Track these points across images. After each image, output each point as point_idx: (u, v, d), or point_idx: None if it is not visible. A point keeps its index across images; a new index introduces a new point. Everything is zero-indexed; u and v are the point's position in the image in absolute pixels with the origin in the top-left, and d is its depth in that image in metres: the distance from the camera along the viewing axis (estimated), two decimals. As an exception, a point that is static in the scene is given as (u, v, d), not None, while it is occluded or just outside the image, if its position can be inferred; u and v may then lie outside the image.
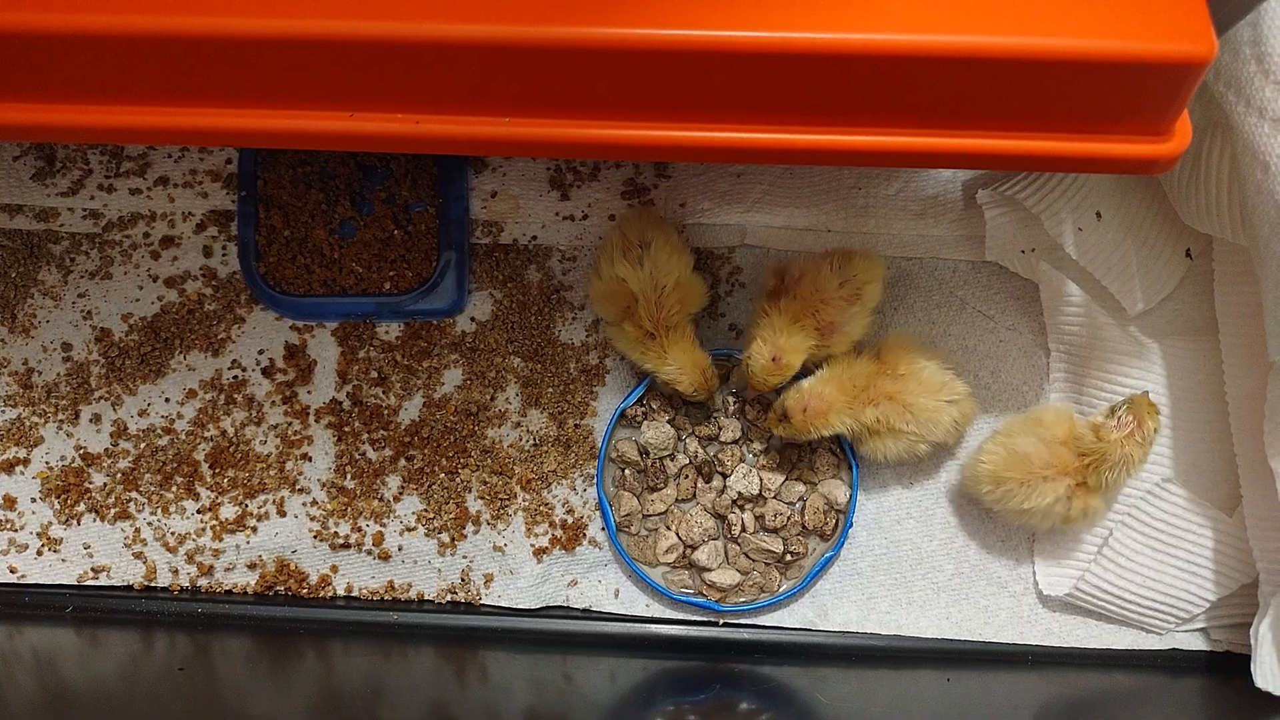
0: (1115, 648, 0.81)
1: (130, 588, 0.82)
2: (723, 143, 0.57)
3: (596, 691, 0.77)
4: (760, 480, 0.81)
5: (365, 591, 0.83)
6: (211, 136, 0.59)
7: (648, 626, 0.81)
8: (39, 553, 0.83)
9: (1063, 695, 0.79)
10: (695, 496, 0.82)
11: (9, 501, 0.83)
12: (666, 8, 0.52)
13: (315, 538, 0.83)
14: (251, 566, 0.83)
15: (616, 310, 0.78)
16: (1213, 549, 0.79)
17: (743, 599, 0.81)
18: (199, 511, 0.83)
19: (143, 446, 0.84)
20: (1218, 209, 0.75)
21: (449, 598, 0.82)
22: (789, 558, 0.81)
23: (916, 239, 0.85)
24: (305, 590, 0.82)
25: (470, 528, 0.83)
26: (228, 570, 0.83)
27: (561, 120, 0.56)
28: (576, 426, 0.84)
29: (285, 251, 0.83)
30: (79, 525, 0.83)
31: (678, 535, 0.81)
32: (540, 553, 0.82)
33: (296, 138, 0.58)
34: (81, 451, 0.84)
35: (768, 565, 0.81)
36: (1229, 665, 0.80)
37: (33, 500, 0.83)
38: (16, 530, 0.83)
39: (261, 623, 0.81)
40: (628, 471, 0.82)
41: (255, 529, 0.83)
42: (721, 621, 0.81)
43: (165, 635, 0.79)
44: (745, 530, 0.81)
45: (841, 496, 0.81)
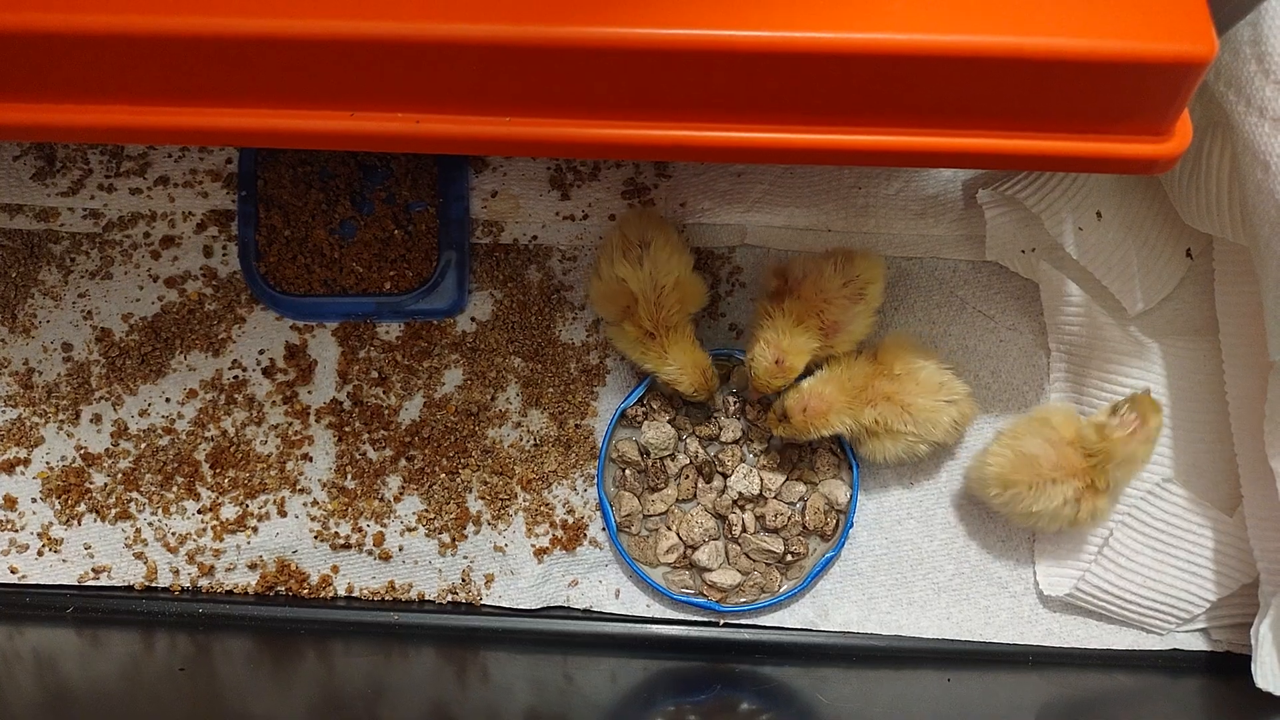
0: (1116, 648, 0.81)
1: (131, 588, 0.82)
2: (723, 142, 0.57)
3: (597, 692, 0.77)
4: (761, 480, 0.81)
5: (366, 592, 0.83)
6: (212, 136, 0.59)
7: (648, 627, 0.81)
8: (40, 553, 0.83)
9: (1063, 695, 0.79)
10: (696, 497, 0.82)
11: (10, 502, 0.83)
12: (667, 7, 0.52)
13: (316, 538, 0.83)
14: (252, 567, 0.83)
15: (616, 310, 0.78)
16: (1213, 549, 0.78)
17: (743, 599, 0.81)
18: (200, 512, 0.83)
19: (143, 446, 0.84)
20: (1218, 208, 0.75)
21: (450, 598, 0.82)
22: (789, 558, 0.80)
23: (917, 239, 0.85)
24: (306, 590, 0.82)
25: (471, 528, 0.83)
26: (228, 570, 0.83)
27: (562, 120, 0.56)
28: (577, 426, 0.84)
29: (286, 251, 0.83)
30: (80, 525, 0.83)
31: (678, 535, 0.81)
32: (541, 553, 0.82)
33: (297, 137, 0.58)
34: (82, 452, 0.84)
35: (768, 565, 0.81)
36: (1230, 665, 0.79)
37: (33, 500, 0.83)
38: (17, 530, 0.83)
39: (262, 623, 0.81)
40: (628, 471, 0.82)
41: (256, 529, 0.83)
42: (722, 622, 0.81)
43: (166, 636, 0.79)
44: (746, 530, 0.80)
45: (842, 497, 0.81)
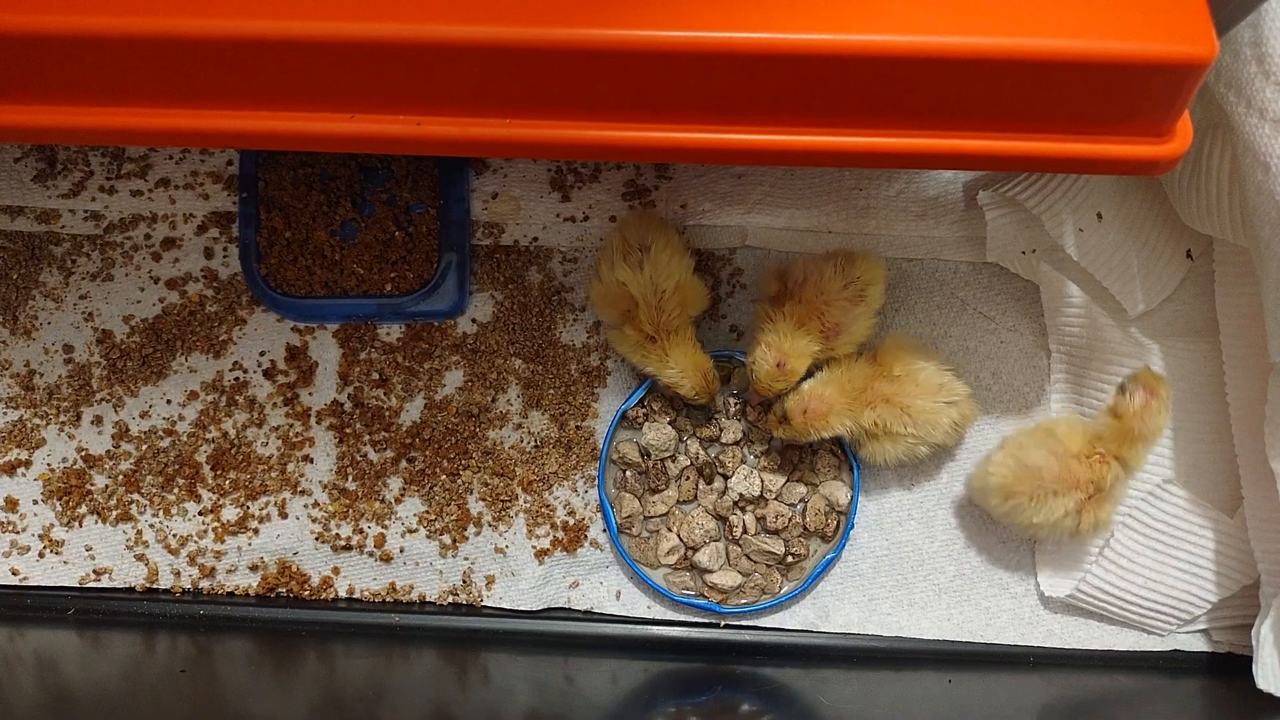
0: (1117, 649, 0.81)
1: (132, 590, 0.82)
2: (723, 144, 0.57)
3: (598, 693, 0.77)
4: (761, 482, 0.81)
5: (367, 593, 0.83)
6: (213, 138, 0.59)
7: (649, 628, 0.81)
8: (41, 555, 0.83)
9: (1064, 697, 0.79)
10: (696, 498, 0.82)
11: (11, 504, 0.83)
12: (667, 9, 0.52)
13: (317, 539, 0.83)
14: (253, 568, 0.83)
15: (617, 314, 0.78)
16: (1214, 550, 0.78)
17: (744, 600, 0.81)
18: (201, 513, 0.83)
19: (144, 448, 0.84)
20: (1218, 210, 0.75)
21: (450, 599, 0.82)
22: (790, 559, 0.80)
23: (917, 240, 0.85)
24: (307, 592, 0.82)
25: (472, 529, 0.83)
26: (229, 572, 0.83)
27: (562, 122, 0.56)
28: (578, 428, 0.84)
29: (286, 253, 0.83)
30: (81, 527, 0.83)
31: (679, 537, 0.81)
32: (542, 554, 0.82)
33: (298, 139, 0.58)
34: (83, 453, 0.84)
35: (769, 567, 0.81)
36: (1230, 666, 0.79)
37: (34, 502, 0.83)
38: (18, 532, 0.83)
39: (263, 625, 0.81)
40: (629, 473, 0.82)
41: (257, 531, 0.83)
42: (723, 623, 0.81)
43: (167, 637, 0.79)
44: (746, 532, 0.80)
45: (843, 498, 0.81)
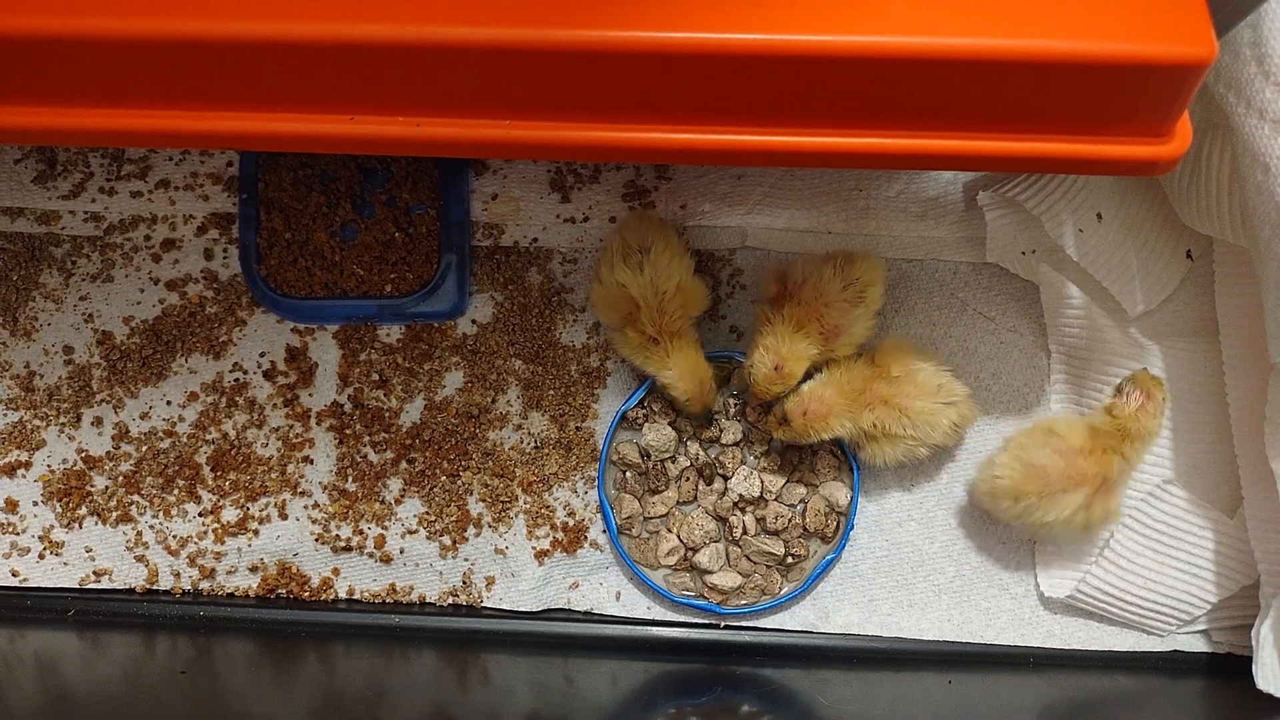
0: (1117, 650, 0.81)
1: (132, 591, 0.82)
2: (723, 145, 0.57)
3: (598, 694, 0.77)
4: (761, 482, 0.81)
5: (367, 594, 0.83)
6: (212, 140, 0.59)
7: (649, 629, 0.81)
8: (41, 556, 0.83)
9: (1064, 697, 0.79)
10: (696, 499, 0.82)
11: (11, 505, 0.83)
12: (667, 10, 0.52)
13: (317, 540, 0.83)
14: (253, 569, 0.83)
15: (618, 316, 0.78)
16: (1214, 551, 0.78)
17: (744, 601, 0.81)
18: (201, 514, 0.83)
19: (144, 449, 0.84)
20: (1218, 210, 0.75)
21: (450, 600, 0.82)
22: (790, 560, 0.80)
23: (917, 241, 0.85)
24: (307, 593, 0.82)
25: (472, 530, 0.83)
26: (229, 573, 0.83)
27: (562, 123, 0.56)
28: (578, 429, 0.84)
29: (286, 254, 0.83)
30: (81, 528, 0.83)
31: (679, 538, 0.81)
32: (542, 555, 0.82)
33: (298, 141, 0.58)
34: (83, 454, 0.84)
35: (769, 568, 0.81)
36: (1230, 667, 0.79)
37: (34, 503, 0.83)
38: (18, 534, 0.83)
39: (263, 626, 0.81)
40: (629, 474, 0.82)
41: (257, 532, 0.83)
42: (723, 624, 0.81)
43: (167, 638, 0.79)
44: (746, 532, 0.80)
45: (842, 499, 0.81)
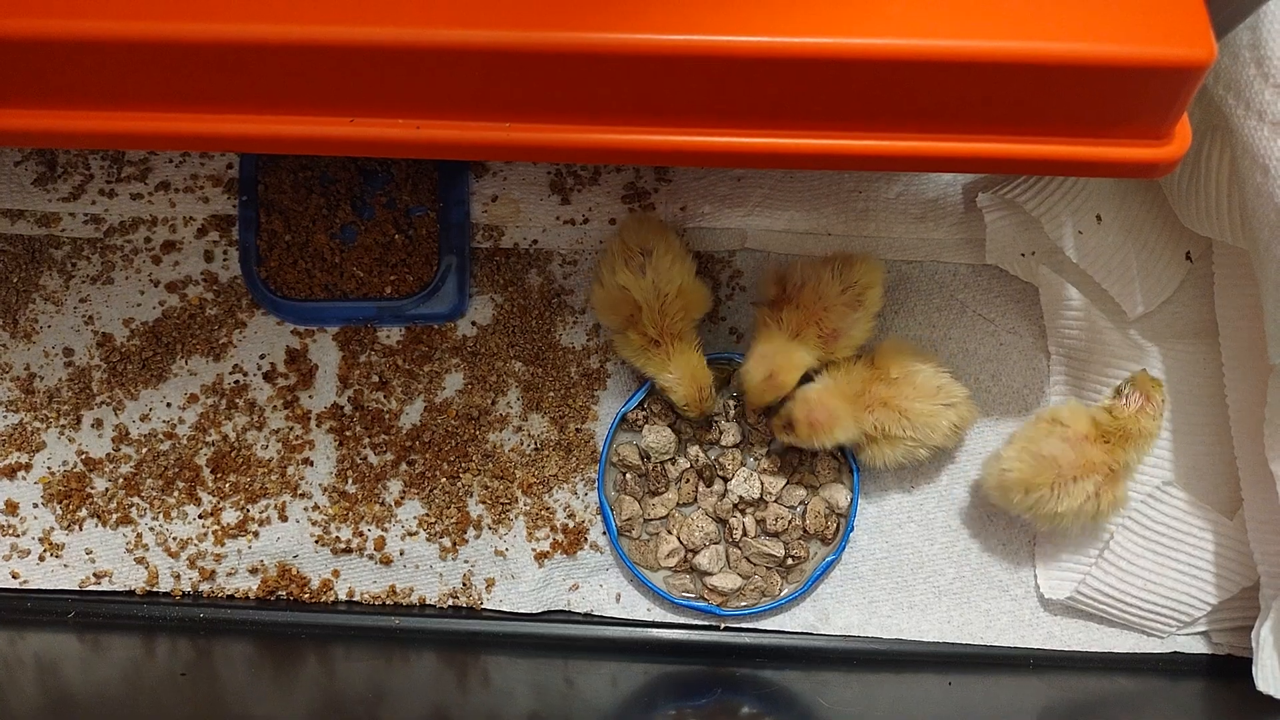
0: (1116, 651, 0.81)
1: (132, 593, 0.82)
2: (723, 147, 0.57)
3: (598, 696, 0.77)
4: (761, 484, 0.81)
5: (367, 596, 0.83)
6: (213, 142, 0.59)
7: (649, 631, 0.81)
8: (41, 558, 0.83)
9: (1064, 698, 0.79)
10: (696, 500, 0.82)
11: (11, 507, 0.83)
12: (667, 12, 0.52)
13: (317, 542, 0.83)
14: (253, 571, 0.83)
15: (620, 319, 0.78)
16: (1213, 552, 0.78)
17: (744, 603, 0.81)
18: (201, 516, 0.83)
19: (144, 451, 0.84)
20: (1217, 212, 0.75)
21: (450, 602, 0.82)
22: (790, 562, 0.80)
23: (917, 242, 0.85)
24: (307, 595, 0.82)
25: (471, 532, 0.83)
26: (229, 575, 0.83)
27: (562, 125, 0.56)
28: (578, 431, 0.84)
29: (286, 256, 0.83)
30: (81, 530, 0.83)
31: (679, 539, 0.81)
32: (542, 557, 0.82)
33: (298, 143, 0.58)
34: (83, 456, 0.84)
35: (769, 569, 0.81)
36: (1230, 668, 0.79)
37: (35, 505, 0.83)
38: (18, 536, 0.83)
39: (263, 628, 0.81)
40: (629, 476, 0.82)
41: (257, 534, 0.83)
42: (723, 625, 0.81)
43: (167, 640, 0.79)
44: (746, 534, 0.80)
45: (842, 500, 0.81)
